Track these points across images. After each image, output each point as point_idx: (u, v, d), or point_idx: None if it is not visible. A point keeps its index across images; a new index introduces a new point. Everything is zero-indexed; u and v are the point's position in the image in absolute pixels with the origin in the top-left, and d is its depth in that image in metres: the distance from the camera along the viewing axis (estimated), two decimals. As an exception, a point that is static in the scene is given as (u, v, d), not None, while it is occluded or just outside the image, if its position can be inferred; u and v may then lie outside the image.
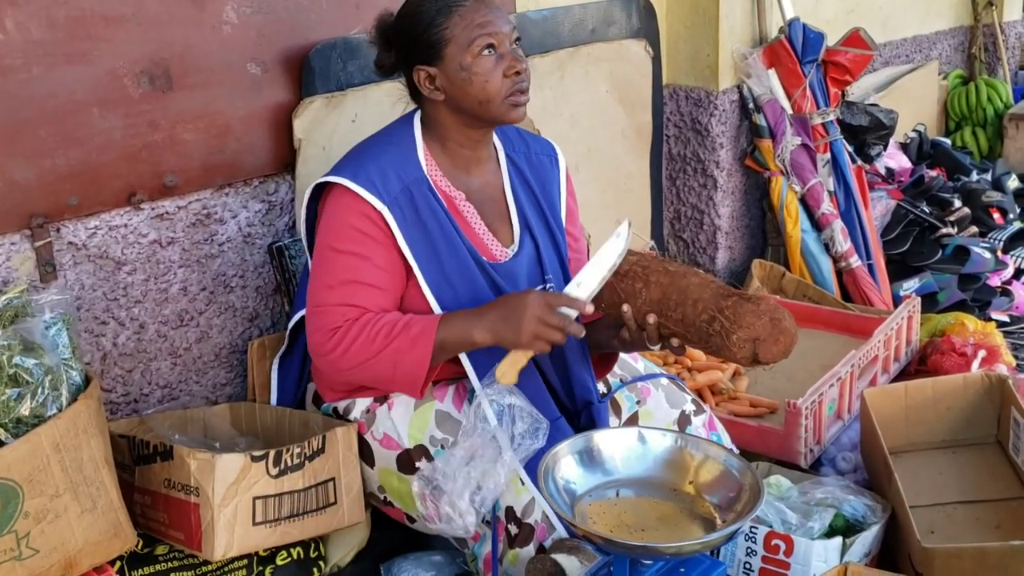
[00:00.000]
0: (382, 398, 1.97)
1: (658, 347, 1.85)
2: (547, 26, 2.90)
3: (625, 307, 1.80)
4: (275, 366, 2.16)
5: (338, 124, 2.32)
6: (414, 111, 1.98)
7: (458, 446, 1.72)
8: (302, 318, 2.01)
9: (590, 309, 1.74)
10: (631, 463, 1.59)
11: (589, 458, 1.58)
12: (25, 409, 1.56)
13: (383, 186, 1.84)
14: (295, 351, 2.12)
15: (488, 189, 2.00)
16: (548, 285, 2.00)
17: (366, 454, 1.97)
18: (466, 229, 1.93)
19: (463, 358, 1.85)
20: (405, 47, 1.89)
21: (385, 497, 1.99)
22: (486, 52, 1.82)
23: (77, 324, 1.98)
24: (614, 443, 1.60)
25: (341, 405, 2.02)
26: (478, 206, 1.96)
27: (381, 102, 2.40)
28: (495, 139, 2.03)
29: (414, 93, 1.94)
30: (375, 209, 1.82)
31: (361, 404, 1.99)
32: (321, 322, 1.82)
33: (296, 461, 1.84)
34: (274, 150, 2.27)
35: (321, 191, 1.91)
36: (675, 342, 1.80)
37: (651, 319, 1.78)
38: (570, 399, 1.97)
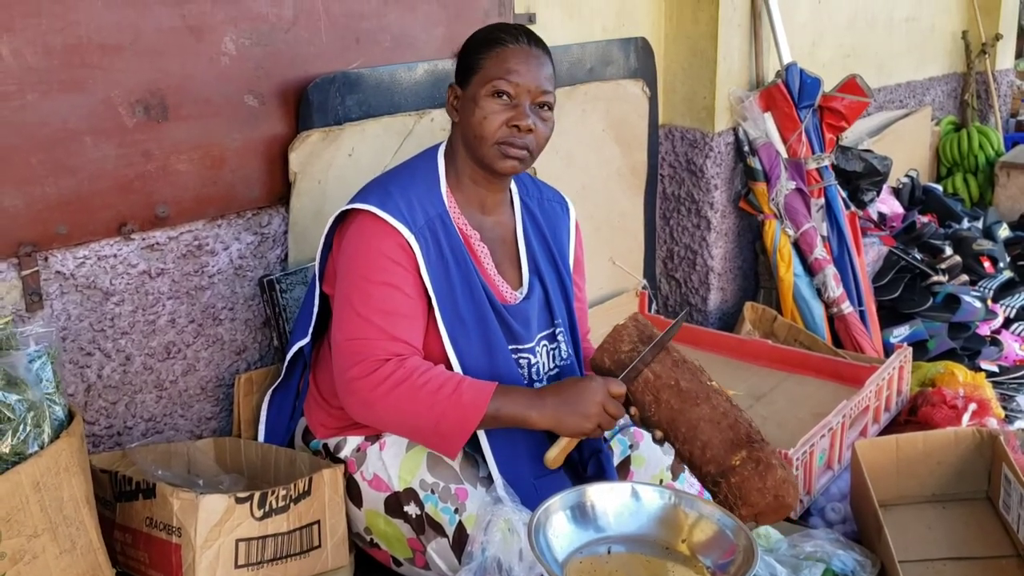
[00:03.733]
0: (374, 437, 1.94)
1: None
2: (546, 64, 2.89)
3: (633, 410, 1.82)
4: (266, 400, 2.13)
5: (335, 158, 2.30)
6: (437, 145, 1.97)
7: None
8: (299, 350, 1.98)
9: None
10: (624, 519, 1.56)
11: (581, 513, 1.55)
12: (5, 447, 1.51)
13: (410, 217, 1.83)
14: (291, 383, 2.09)
15: (500, 229, 1.99)
16: (557, 330, 2.00)
17: (354, 494, 1.94)
18: (480, 269, 1.92)
19: (489, 459, 1.84)
20: (457, 64, 1.92)
21: (371, 539, 1.96)
22: (498, 96, 1.82)
23: (62, 356, 1.94)
24: (607, 499, 1.57)
25: (332, 442, 1.98)
26: (490, 245, 1.95)
27: (378, 136, 2.38)
28: (512, 184, 2.04)
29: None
30: (403, 238, 1.80)
31: (352, 442, 1.96)
32: (363, 353, 1.75)
33: (281, 503, 1.81)
34: (268, 183, 2.24)
35: (340, 219, 1.90)
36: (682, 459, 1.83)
37: (658, 435, 1.80)
38: (577, 448, 1.95)
